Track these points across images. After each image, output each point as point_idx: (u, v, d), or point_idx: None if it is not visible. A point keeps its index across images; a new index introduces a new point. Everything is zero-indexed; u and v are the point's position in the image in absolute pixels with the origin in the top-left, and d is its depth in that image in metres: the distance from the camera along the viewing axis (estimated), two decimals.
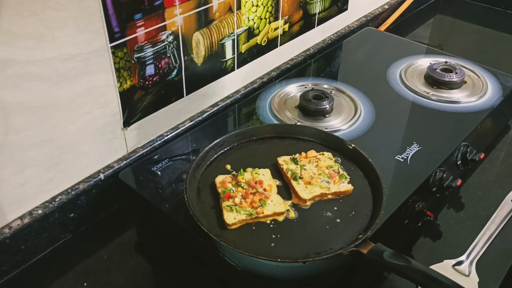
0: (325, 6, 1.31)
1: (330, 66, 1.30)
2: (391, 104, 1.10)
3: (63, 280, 0.82)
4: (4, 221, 0.81)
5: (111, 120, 0.90)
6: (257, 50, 1.15)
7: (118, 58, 0.84)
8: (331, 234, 0.75)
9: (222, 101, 1.11)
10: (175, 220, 0.82)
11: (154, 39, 0.89)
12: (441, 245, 0.88)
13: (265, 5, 1.10)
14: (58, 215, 0.86)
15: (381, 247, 0.70)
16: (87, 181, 0.89)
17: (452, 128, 1.02)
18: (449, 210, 0.95)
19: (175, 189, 0.87)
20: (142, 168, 0.92)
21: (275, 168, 0.87)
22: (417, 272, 0.67)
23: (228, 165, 0.87)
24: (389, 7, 1.58)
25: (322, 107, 1.05)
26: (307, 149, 0.89)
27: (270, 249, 0.72)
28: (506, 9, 1.68)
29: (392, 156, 0.93)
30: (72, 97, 0.81)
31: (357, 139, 0.99)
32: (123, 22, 0.82)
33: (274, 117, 1.06)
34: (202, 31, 0.98)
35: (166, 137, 1.01)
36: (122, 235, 0.91)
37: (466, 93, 1.13)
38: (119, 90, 0.88)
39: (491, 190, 0.98)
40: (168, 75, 0.96)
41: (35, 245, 0.85)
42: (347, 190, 0.81)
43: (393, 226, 0.84)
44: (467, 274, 0.81)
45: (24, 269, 0.84)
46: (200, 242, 0.77)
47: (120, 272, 0.83)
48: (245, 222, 0.76)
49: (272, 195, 0.79)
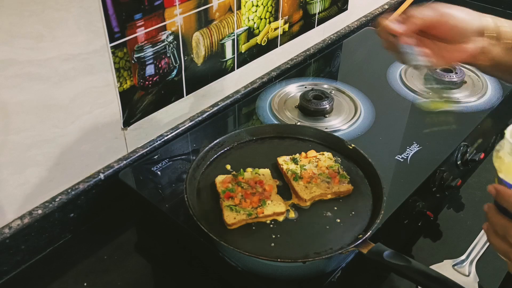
0: (325, 6, 1.31)
1: (330, 66, 1.30)
2: (391, 104, 1.10)
3: (63, 280, 0.82)
4: (4, 221, 0.81)
5: (111, 120, 0.89)
6: (257, 50, 1.15)
7: (118, 58, 0.84)
8: (331, 234, 0.75)
9: (222, 101, 1.11)
10: (175, 220, 0.82)
11: (154, 39, 0.89)
12: (441, 245, 0.88)
13: (265, 5, 1.10)
14: (58, 215, 0.86)
15: (381, 247, 0.70)
16: (87, 181, 0.89)
17: (452, 128, 1.02)
18: (449, 210, 0.95)
19: (175, 189, 0.87)
20: (142, 168, 0.92)
21: (275, 168, 0.86)
22: (417, 272, 0.67)
23: (228, 165, 0.87)
24: (389, 7, 1.58)
25: (322, 107, 1.05)
26: (307, 149, 0.89)
27: (270, 249, 0.72)
28: (506, 9, 1.68)
29: (392, 156, 0.93)
30: (72, 97, 0.81)
31: (357, 139, 0.99)
32: (123, 22, 0.82)
33: (274, 117, 1.06)
34: (202, 31, 0.98)
35: (166, 137, 1.01)
36: (122, 235, 0.91)
37: (466, 93, 1.13)
38: (119, 90, 0.88)
39: None
40: (168, 75, 0.96)
41: (35, 245, 0.85)
42: (347, 190, 0.81)
43: (393, 226, 0.84)
44: (467, 274, 0.81)
45: (24, 269, 0.84)
46: (200, 242, 0.77)
47: (120, 272, 0.83)
48: (245, 222, 0.76)
49: (272, 195, 0.79)
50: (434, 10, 0.69)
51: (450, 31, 0.69)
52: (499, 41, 0.71)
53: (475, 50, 0.70)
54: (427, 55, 0.71)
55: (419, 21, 0.69)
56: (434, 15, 0.69)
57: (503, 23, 0.71)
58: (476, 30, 0.70)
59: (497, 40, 0.71)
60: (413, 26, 0.69)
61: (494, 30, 0.70)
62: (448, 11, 0.69)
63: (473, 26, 0.70)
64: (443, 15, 0.69)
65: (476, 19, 0.70)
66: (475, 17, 0.70)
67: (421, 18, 0.69)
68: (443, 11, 0.69)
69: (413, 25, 0.69)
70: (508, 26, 0.71)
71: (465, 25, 0.69)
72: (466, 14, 0.70)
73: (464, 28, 0.69)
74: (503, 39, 0.71)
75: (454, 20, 0.69)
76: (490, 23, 0.71)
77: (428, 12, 0.69)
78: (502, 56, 0.71)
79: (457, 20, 0.69)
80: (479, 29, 0.70)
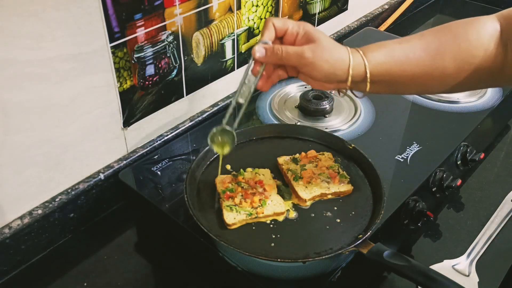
0: (325, 6, 1.31)
1: None
2: (391, 104, 1.10)
3: (63, 280, 0.82)
4: (4, 221, 0.81)
5: (111, 120, 0.90)
6: None
7: (118, 58, 0.84)
8: (331, 234, 0.75)
9: (222, 101, 1.11)
10: (175, 220, 0.82)
11: (154, 39, 0.89)
12: (441, 245, 0.88)
13: (265, 5, 1.10)
14: (58, 215, 0.86)
15: (381, 247, 0.70)
16: (87, 181, 0.89)
17: (452, 128, 1.02)
18: (449, 210, 0.95)
19: (175, 189, 0.87)
20: (142, 168, 0.92)
21: (275, 168, 0.86)
22: (417, 272, 0.67)
23: (228, 165, 0.87)
24: (389, 7, 1.58)
25: (322, 107, 1.05)
26: (307, 149, 0.89)
27: (270, 249, 0.72)
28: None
29: (392, 156, 0.93)
30: (72, 97, 0.81)
31: (357, 139, 0.99)
32: (123, 22, 0.82)
33: (274, 117, 1.06)
34: (202, 31, 0.98)
35: (166, 137, 1.01)
36: (122, 235, 0.91)
37: (466, 93, 1.13)
38: (119, 90, 0.88)
39: (491, 190, 0.98)
40: (168, 75, 0.96)
41: (35, 245, 0.85)
42: (347, 190, 0.81)
43: (393, 226, 0.84)
44: (467, 274, 0.81)
45: (24, 269, 0.84)
46: (200, 242, 0.77)
47: (120, 272, 0.83)
48: (245, 222, 0.76)
49: (272, 195, 0.79)
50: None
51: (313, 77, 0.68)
52: (364, 82, 0.68)
53: (339, 87, 0.69)
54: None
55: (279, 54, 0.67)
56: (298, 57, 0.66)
57: (369, 58, 0.67)
58: (339, 80, 0.67)
59: (362, 81, 0.68)
60: (275, 57, 0.67)
61: (358, 76, 0.67)
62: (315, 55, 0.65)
63: (336, 78, 0.67)
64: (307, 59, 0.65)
65: (339, 69, 0.66)
66: (338, 66, 0.66)
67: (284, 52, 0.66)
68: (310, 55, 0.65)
69: (275, 56, 0.67)
70: (373, 59, 0.67)
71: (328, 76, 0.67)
72: (329, 61, 0.66)
73: (327, 78, 0.67)
74: (366, 80, 0.68)
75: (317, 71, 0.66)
76: (356, 69, 0.67)
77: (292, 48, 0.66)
78: (370, 89, 0.69)
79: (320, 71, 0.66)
80: (342, 79, 0.67)
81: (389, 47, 0.69)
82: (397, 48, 0.68)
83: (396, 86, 0.70)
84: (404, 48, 0.68)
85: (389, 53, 0.68)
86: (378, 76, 0.67)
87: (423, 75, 0.68)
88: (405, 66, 0.67)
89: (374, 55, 0.67)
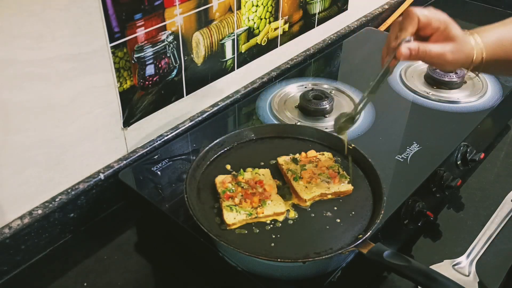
0: (325, 6, 1.31)
1: (330, 66, 1.30)
2: (391, 104, 1.10)
3: (63, 280, 0.82)
4: (4, 221, 0.81)
5: (111, 120, 0.90)
6: (257, 50, 1.15)
7: (118, 58, 0.84)
8: (331, 234, 0.75)
9: (222, 101, 1.11)
10: (175, 220, 0.82)
11: (154, 39, 0.89)
12: (441, 245, 0.88)
13: (265, 5, 1.10)
14: (58, 215, 0.86)
15: (381, 247, 0.70)
16: (87, 181, 0.89)
17: (452, 128, 1.02)
18: (449, 210, 0.95)
19: (175, 189, 0.87)
20: (142, 168, 0.92)
21: (275, 168, 0.86)
22: (417, 272, 0.67)
23: (228, 165, 0.87)
24: (389, 7, 1.58)
25: (322, 107, 1.05)
26: (307, 149, 0.89)
27: (270, 249, 0.72)
28: (506, 9, 1.68)
29: (392, 156, 0.93)
30: (72, 97, 0.81)
31: (357, 139, 0.99)
32: (123, 22, 0.82)
33: (274, 117, 1.06)
34: (202, 31, 0.98)
35: (166, 137, 1.01)
36: (122, 235, 0.91)
37: (466, 93, 1.13)
38: (119, 90, 0.88)
39: (491, 190, 0.98)
40: (168, 75, 0.96)
41: (35, 245, 0.85)
42: (347, 190, 0.81)
43: (393, 226, 0.84)
44: (467, 274, 0.81)
45: (24, 269, 0.84)
46: (200, 242, 0.77)
47: (120, 272, 0.83)
48: (245, 222, 0.76)
49: (272, 195, 0.79)
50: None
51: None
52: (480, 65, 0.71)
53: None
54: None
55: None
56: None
57: (486, 44, 0.70)
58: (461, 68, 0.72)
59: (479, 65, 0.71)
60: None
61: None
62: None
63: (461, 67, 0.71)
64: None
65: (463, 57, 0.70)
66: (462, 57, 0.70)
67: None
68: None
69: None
70: (491, 44, 0.70)
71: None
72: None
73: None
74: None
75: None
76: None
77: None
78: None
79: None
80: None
81: (504, 28, 0.72)
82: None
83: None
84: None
85: (504, 35, 0.71)
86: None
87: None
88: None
89: (488, 36, 0.70)
